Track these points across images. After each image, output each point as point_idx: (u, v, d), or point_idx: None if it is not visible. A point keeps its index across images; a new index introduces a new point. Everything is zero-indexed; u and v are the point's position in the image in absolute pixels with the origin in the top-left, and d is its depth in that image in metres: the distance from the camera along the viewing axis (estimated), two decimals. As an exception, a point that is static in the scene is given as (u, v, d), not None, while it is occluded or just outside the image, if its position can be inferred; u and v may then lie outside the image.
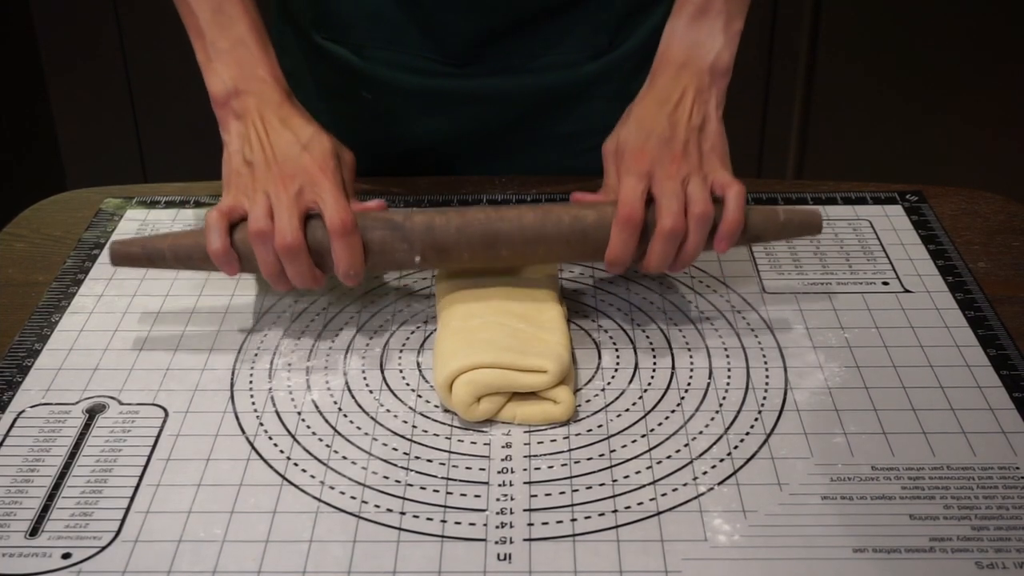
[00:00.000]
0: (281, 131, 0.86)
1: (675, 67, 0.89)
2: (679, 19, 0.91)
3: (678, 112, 0.87)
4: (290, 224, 0.81)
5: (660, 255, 0.83)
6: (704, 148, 0.86)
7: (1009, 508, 0.70)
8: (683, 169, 0.83)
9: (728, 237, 0.83)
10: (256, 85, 0.88)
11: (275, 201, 0.82)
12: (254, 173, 0.84)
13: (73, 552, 0.69)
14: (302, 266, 0.82)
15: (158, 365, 0.85)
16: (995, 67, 2.18)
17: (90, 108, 2.30)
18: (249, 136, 0.86)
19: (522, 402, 0.79)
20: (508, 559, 0.68)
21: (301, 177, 0.83)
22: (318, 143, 0.86)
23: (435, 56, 1.07)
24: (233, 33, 0.89)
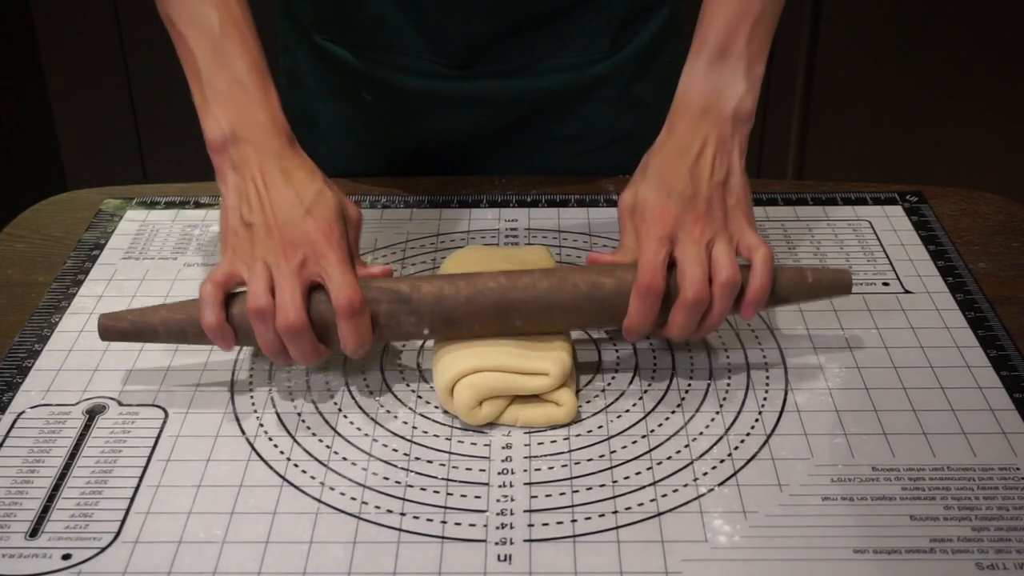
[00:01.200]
0: (283, 189, 0.80)
1: (695, 113, 0.84)
2: (698, 62, 0.86)
3: (700, 165, 0.82)
4: (292, 302, 0.76)
5: (682, 325, 0.78)
6: (729, 204, 0.81)
7: (1009, 509, 0.70)
8: (707, 232, 0.79)
9: (755, 304, 0.79)
10: (255, 131, 0.83)
11: (276, 274, 0.77)
12: (253, 237, 0.79)
13: (73, 553, 0.69)
14: (305, 345, 0.77)
15: (158, 366, 0.85)
16: (995, 67, 2.18)
17: (90, 108, 2.30)
18: (248, 193, 0.81)
19: (524, 405, 0.79)
20: (508, 560, 0.68)
21: (304, 247, 0.77)
22: (322, 204, 0.80)
23: (436, 58, 1.07)
24: (232, 73, 0.83)
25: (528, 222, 1.04)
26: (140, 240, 1.02)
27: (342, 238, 0.79)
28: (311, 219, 0.79)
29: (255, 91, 0.84)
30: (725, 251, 0.78)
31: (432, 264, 0.97)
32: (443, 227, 1.03)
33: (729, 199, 0.81)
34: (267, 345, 0.77)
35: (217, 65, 0.84)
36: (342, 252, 0.78)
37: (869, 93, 2.22)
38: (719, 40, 0.85)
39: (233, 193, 0.82)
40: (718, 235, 0.79)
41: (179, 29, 0.85)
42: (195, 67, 0.85)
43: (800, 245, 0.99)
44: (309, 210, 0.79)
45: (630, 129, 1.12)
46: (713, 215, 0.80)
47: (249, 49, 0.85)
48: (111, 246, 1.01)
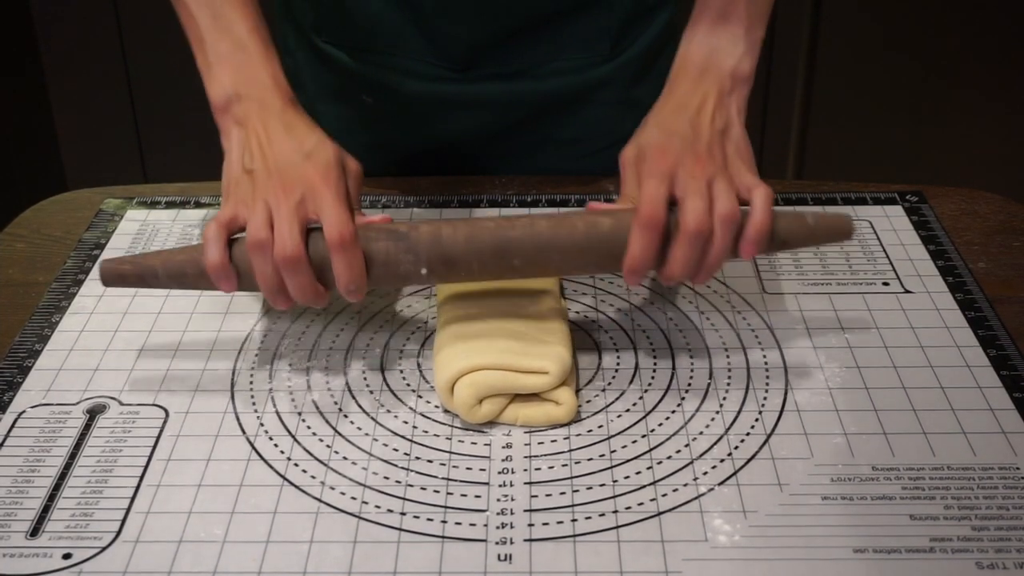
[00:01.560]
0: (284, 138, 0.82)
1: (695, 73, 0.86)
2: (699, 25, 0.88)
3: (700, 116, 0.83)
4: (290, 235, 0.77)
5: (683, 260, 0.77)
6: (728, 150, 0.82)
7: (1009, 508, 0.71)
8: (708, 169, 0.79)
9: (755, 241, 0.78)
10: (257, 90, 0.85)
11: (275, 211, 0.78)
12: (254, 181, 0.81)
13: (74, 552, 0.69)
14: (303, 279, 0.78)
15: (158, 366, 0.85)
16: (995, 67, 2.18)
17: (90, 108, 2.30)
18: (250, 143, 0.83)
19: (524, 404, 0.79)
20: (508, 559, 0.68)
21: (302, 186, 0.79)
22: (321, 151, 0.82)
23: (436, 61, 1.07)
24: (233, 36, 0.86)
25: (528, 222, 1.04)
26: (140, 240, 1.02)
27: (339, 181, 0.80)
28: (310, 163, 0.80)
29: (256, 53, 0.86)
30: (725, 188, 0.78)
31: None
32: (443, 227, 1.03)
33: (728, 146, 0.83)
34: (266, 280, 0.78)
35: (218, 29, 0.86)
36: (338, 192, 0.79)
37: (869, 93, 2.22)
38: (720, 4, 0.87)
39: (236, 146, 0.84)
40: (718, 174, 0.79)
41: None
42: (197, 32, 0.87)
43: (800, 245, 0.99)
44: (308, 155, 0.81)
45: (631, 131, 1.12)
46: (713, 156, 0.80)
47: (249, 13, 0.88)
48: (111, 246, 1.01)
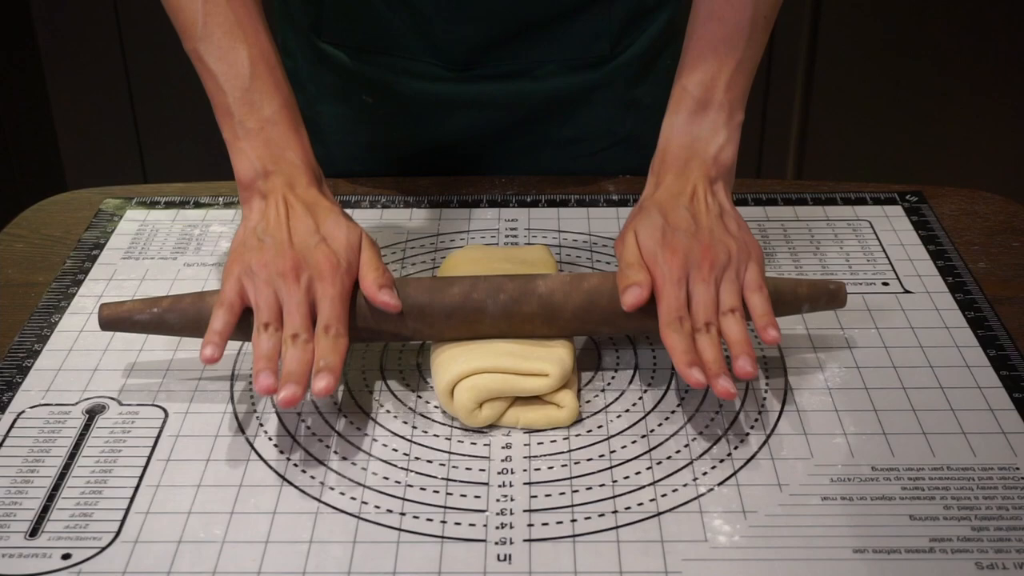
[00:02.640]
0: (303, 217, 0.82)
1: (679, 164, 0.86)
2: (678, 115, 0.87)
3: (695, 204, 0.83)
4: (299, 314, 0.77)
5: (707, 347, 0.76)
6: (731, 229, 0.82)
7: (1009, 509, 0.70)
8: (715, 269, 0.79)
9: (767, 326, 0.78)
10: (285, 167, 0.84)
11: (284, 296, 0.78)
12: (264, 252, 0.79)
13: (73, 553, 0.69)
14: (303, 354, 0.75)
15: (158, 366, 0.85)
16: (995, 67, 2.18)
17: (90, 108, 2.30)
18: (269, 215, 0.82)
19: (525, 407, 0.79)
20: (508, 560, 0.68)
21: (311, 270, 0.78)
22: (337, 236, 0.81)
23: (436, 62, 1.07)
24: (263, 113, 0.85)
25: (528, 222, 1.04)
26: (140, 240, 1.02)
27: (346, 274, 0.79)
28: (323, 248, 0.80)
29: (286, 130, 0.85)
30: (730, 286, 0.79)
31: (432, 264, 0.97)
32: (443, 227, 1.03)
33: (729, 225, 0.83)
34: (263, 355, 0.75)
35: (248, 104, 0.85)
36: (342, 288, 0.79)
37: (869, 93, 2.22)
38: (699, 91, 0.87)
39: (255, 213, 0.83)
40: (725, 268, 0.80)
41: (209, 67, 0.86)
42: (226, 105, 0.85)
43: (800, 245, 0.99)
44: (323, 239, 0.80)
45: (630, 131, 1.12)
46: (717, 245, 0.80)
47: (280, 88, 0.86)
48: (111, 246, 1.01)
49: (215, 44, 0.86)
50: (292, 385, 0.73)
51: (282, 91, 0.86)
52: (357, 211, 1.06)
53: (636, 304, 0.78)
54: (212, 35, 0.86)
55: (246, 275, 0.79)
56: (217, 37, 0.86)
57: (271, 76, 0.86)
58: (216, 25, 0.86)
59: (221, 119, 0.86)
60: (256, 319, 0.78)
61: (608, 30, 1.07)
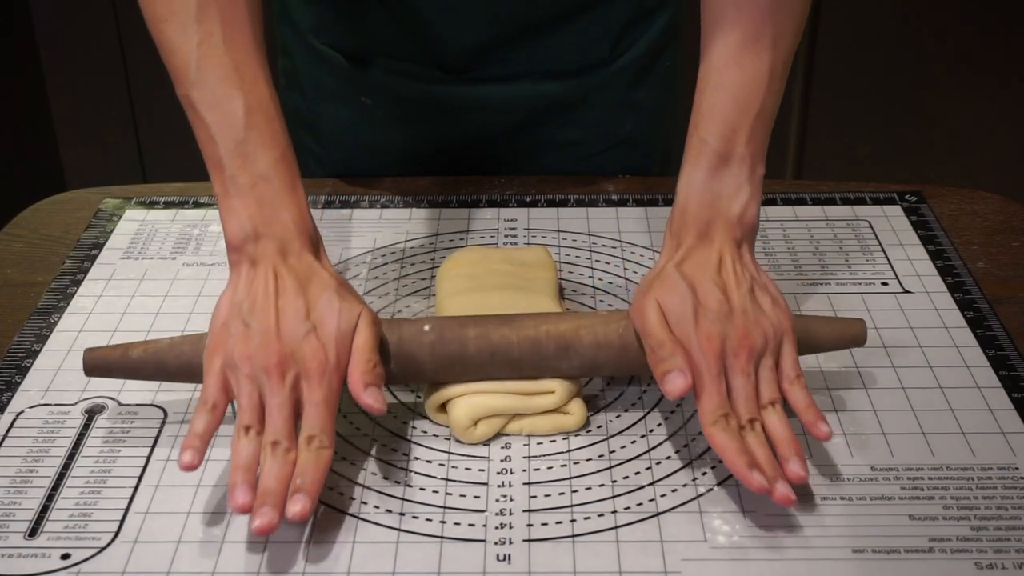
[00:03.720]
0: (293, 298, 0.75)
1: (701, 226, 0.79)
2: (697, 169, 0.80)
3: (723, 277, 0.77)
4: (282, 421, 0.71)
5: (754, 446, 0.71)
6: (764, 307, 0.76)
7: (1008, 508, 0.70)
8: (753, 357, 0.73)
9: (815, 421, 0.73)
10: (278, 230, 0.77)
11: (267, 392, 0.72)
12: (249, 341, 0.73)
13: (72, 553, 0.69)
14: (283, 469, 0.69)
15: (157, 365, 0.85)
16: (995, 67, 2.18)
17: (89, 108, 2.30)
18: (257, 292, 0.75)
19: (531, 416, 0.78)
20: (508, 560, 0.68)
21: (297, 367, 0.72)
22: (328, 320, 0.74)
23: (434, 65, 1.06)
24: (258, 167, 0.78)
25: (527, 222, 1.04)
26: (139, 240, 1.02)
27: (335, 371, 0.73)
28: (313, 339, 0.73)
29: (280, 188, 0.78)
30: (767, 375, 0.74)
31: (431, 264, 0.97)
32: (442, 227, 1.03)
33: (763, 301, 0.76)
34: (241, 459, 0.70)
35: (241, 157, 0.78)
36: (329, 389, 0.72)
37: (869, 93, 2.22)
38: (719, 144, 0.80)
39: (243, 284, 0.77)
40: (762, 354, 0.74)
41: (201, 115, 0.79)
42: (217, 158, 0.78)
43: (800, 245, 0.99)
44: (314, 327, 0.74)
45: (629, 133, 1.12)
46: (751, 325, 0.74)
47: (277, 141, 0.79)
48: (110, 246, 1.01)
49: (209, 91, 0.79)
50: (267, 509, 0.67)
51: (279, 144, 0.79)
52: (357, 211, 1.06)
53: (681, 394, 0.71)
54: (206, 81, 0.79)
55: (229, 368, 0.73)
56: (211, 83, 0.79)
57: (268, 127, 0.79)
58: (211, 70, 0.79)
59: (212, 173, 0.79)
60: (238, 420, 0.72)
61: (608, 32, 1.06)
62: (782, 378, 0.75)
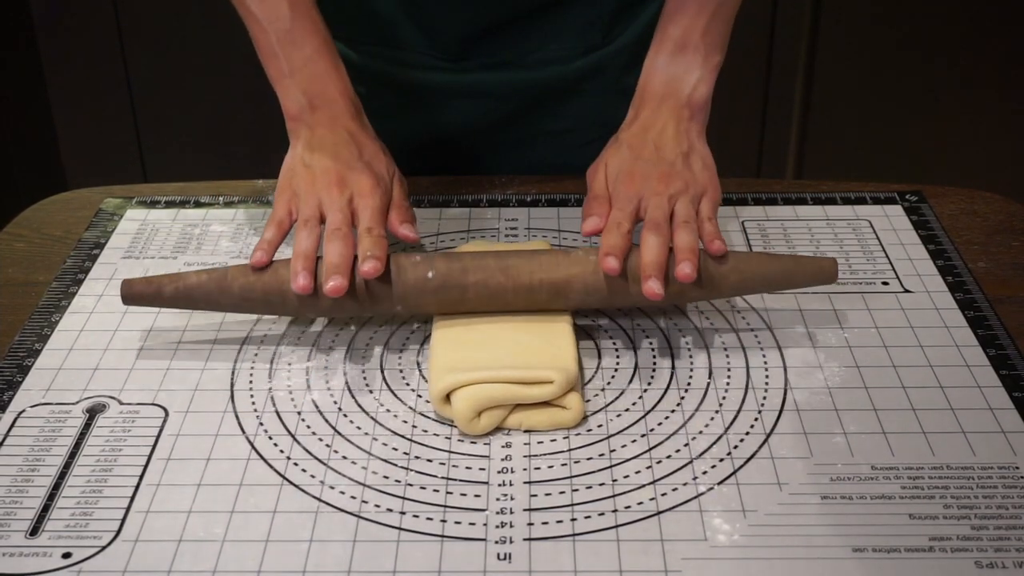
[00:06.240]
0: (347, 143, 0.90)
1: (655, 101, 0.93)
2: (659, 55, 0.94)
3: (662, 139, 0.90)
4: (342, 213, 0.85)
5: (652, 246, 0.81)
6: (694, 167, 0.88)
7: (1009, 508, 0.71)
8: (671, 187, 0.86)
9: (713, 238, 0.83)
10: (328, 102, 0.92)
11: (327, 203, 0.86)
12: (313, 175, 0.88)
13: (73, 552, 0.69)
14: (343, 248, 0.82)
15: (158, 365, 0.85)
16: (995, 67, 2.18)
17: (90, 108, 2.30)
18: (313, 143, 0.90)
19: (529, 409, 0.78)
20: (508, 559, 0.68)
21: (353, 187, 0.87)
22: (377, 162, 0.90)
23: (429, 51, 1.07)
24: (304, 52, 0.92)
25: (528, 221, 1.04)
26: (140, 239, 1.02)
27: (384, 194, 0.88)
28: (365, 170, 0.88)
29: (327, 67, 0.92)
30: (685, 203, 0.85)
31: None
32: (443, 227, 1.03)
33: (694, 163, 0.89)
34: (303, 253, 0.82)
35: (291, 43, 0.92)
36: (381, 202, 0.87)
37: (869, 93, 2.22)
38: (678, 34, 0.93)
39: (302, 143, 0.90)
40: (680, 193, 0.86)
41: (251, 10, 0.92)
42: (270, 45, 0.92)
43: (800, 245, 0.99)
44: (367, 163, 0.89)
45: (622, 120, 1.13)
46: (675, 175, 0.87)
47: (318, 28, 0.93)
48: (111, 245, 1.01)
49: None
50: (337, 276, 0.81)
51: (320, 31, 0.93)
52: (357, 211, 1.06)
53: (592, 231, 0.85)
54: None
55: (294, 196, 0.87)
56: None
57: (310, 17, 0.93)
58: None
59: (266, 59, 0.93)
60: (299, 218, 0.85)
61: (600, 18, 1.08)
62: (696, 216, 0.85)
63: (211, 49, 2.05)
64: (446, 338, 0.83)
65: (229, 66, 1.87)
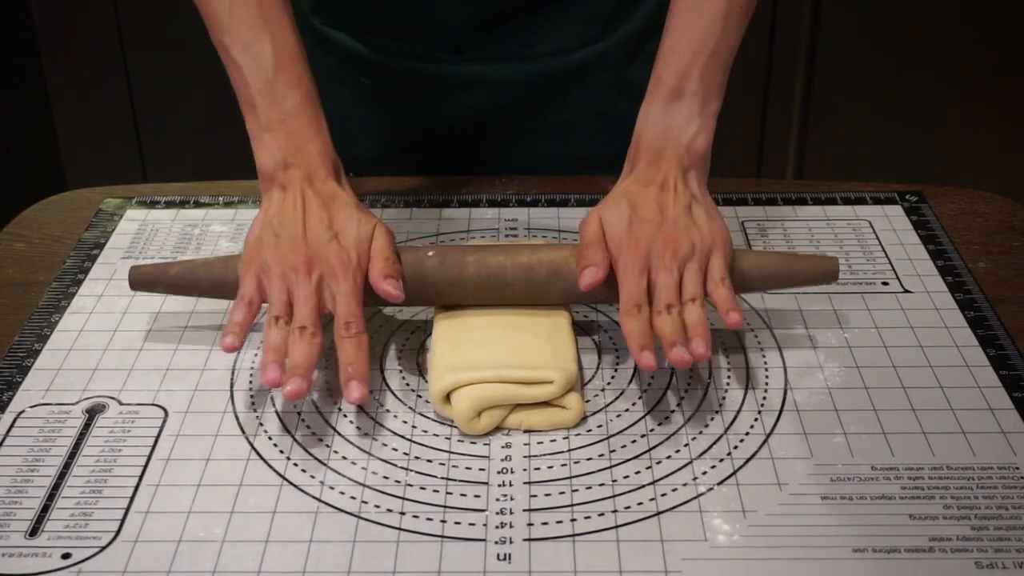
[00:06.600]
0: (318, 212, 0.84)
1: (652, 154, 0.87)
2: (653, 104, 0.89)
3: (664, 195, 0.85)
4: (307, 307, 0.80)
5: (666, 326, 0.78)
6: (698, 222, 0.83)
7: (1009, 508, 0.71)
8: (678, 256, 0.81)
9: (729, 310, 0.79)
10: (305, 160, 0.87)
11: (294, 289, 0.81)
12: (279, 247, 0.82)
13: (73, 552, 0.69)
14: (310, 349, 0.78)
15: (158, 365, 0.85)
16: (995, 67, 2.18)
17: (90, 108, 2.30)
18: (286, 207, 0.85)
19: (529, 409, 0.78)
20: (508, 559, 0.68)
21: (323, 267, 0.81)
22: (349, 231, 0.83)
23: (432, 43, 1.08)
24: (286, 105, 0.88)
25: (528, 221, 1.04)
26: (140, 239, 1.02)
27: (358, 269, 0.82)
28: (335, 243, 0.82)
29: (307, 123, 0.88)
30: (693, 275, 0.81)
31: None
32: (443, 227, 1.03)
33: (697, 216, 0.84)
34: (272, 348, 0.78)
35: (271, 96, 0.87)
36: (354, 283, 0.81)
37: (869, 93, 2.22)
38: (673, 80, 0.88)
39: (274, 205, 0.86)
40: (688, 259, 0.81)
41: (234, 58, 0.88)
42: (249, 96, 0.88)
43: (800, 245, 0.99)
44: (336, 235, 0.83)
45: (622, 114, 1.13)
46: (681, 236, 0.82)
47: (302, 81, 0.89)
48: (111, 245, 1.01)
49: (240, 36, 0.88)
50: (297, 379, 0.76)
51: (304, 84, 0.89)
52: (357, 211, 1.06)
53: (591, 284, 0.81)
54: (237, 27, 0.88)
55: (263, 271, 0.82)
56: (242, 29, 0.88)
57: (294, 69, 0.89)
58: (241, 17, 0.88)
59: (245, 110, 0.89)
60: (268, 312, 0.81)
61: (602, 11, 1.08)
62: (708, 280, 0.81)
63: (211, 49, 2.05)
64: (446, 338, 0.83)
65: (229, 66, 1.87)
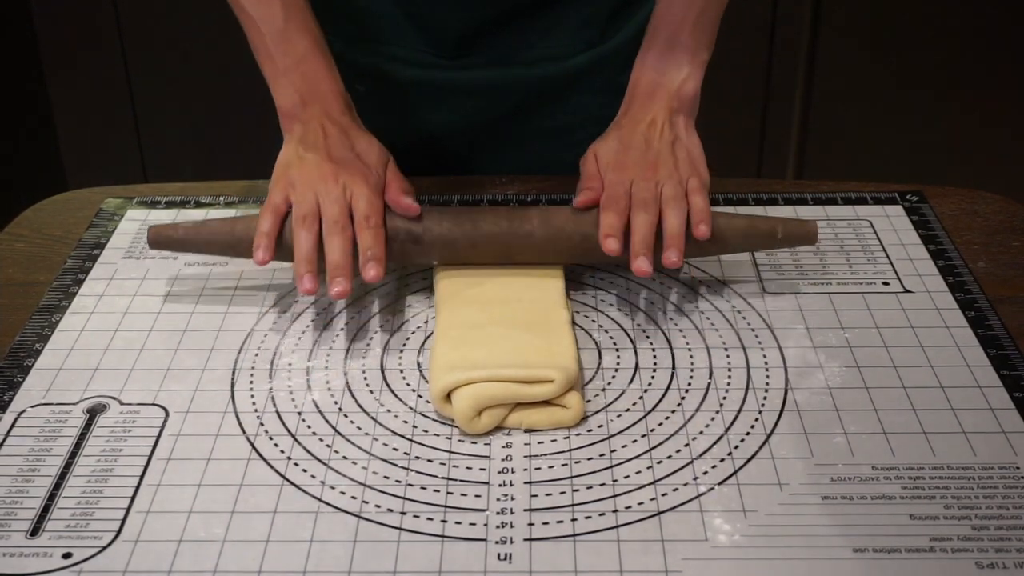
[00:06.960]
0: (339, 137, 0.92)
1: (645, 96, 0.96)
2: (649, 52, 0.98)
3: (651, 131, 0.93)
4: (338, 205, 0.86)
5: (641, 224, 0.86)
6: (679, 156, 0.92)
7: (1009, 508, 0.71)
8: (659, 174, 0.89)
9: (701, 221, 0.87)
10: (320, 98, 0.94)
11: (323, 195, 0.87)
12: (305, 167, 0.89)
13: (74, 552, 0.69)
14: (343, 242, 0.85)
15: (159, 365, 0.85)
16: (995, 67, 2.18)
17: (90, 108, 2.30)
18: (308, 137, 0.92)
19: (529, 408, 0.78)
20: (508, 559, 0.68)
21: (347, 178, 0.88)
22: (370, 153, 0.92)
23: (428, 48, 1.08)
24: (298, 50, 0.95)
25: (528, 222, 1.04)
26: (140, 239, 1.02)
27: (378, 181, 0.90)
28: (358, 161, 0.90)
29: (318, 65, 0.96)
30: (673, 185, 0.89)
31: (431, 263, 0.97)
32: (443, 227, 1.03)
33: (679, 153, 0.92)
34: (303, 250, 0.85)
35: (285, 42, 0.95)
36: (375, 189, 0.89)
37: (869, 93, 2.22)
38: (667, 34, 0.97)
39: (295, 137, 0.93)
40: (667, 177, 0.89)
41: (248, 12, 0.96)
42: (265, 45, 0.96)
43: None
44: (358, 155, 0.91)
45: None
46: (662, 163, 0.90)
47: (311, 27, 0.97)
48: (111, 245, 1.01)
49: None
50: (340, 279, 0.84)
51: (312, 32, 0.96)
52: (357, 211, 1.06)
53: (586, 203, 0.89)
54: None
55: (291, 186, 0.89)
56: None
57: (302, 18, 0.96)
58: None
59: (261, 58, 0.96)
60: (294, 214, 0.87)
61: (598, 16, 1.08)
62: (688, 192, 0.88)
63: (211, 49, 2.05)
64: (447, 337, 0.83)
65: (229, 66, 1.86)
